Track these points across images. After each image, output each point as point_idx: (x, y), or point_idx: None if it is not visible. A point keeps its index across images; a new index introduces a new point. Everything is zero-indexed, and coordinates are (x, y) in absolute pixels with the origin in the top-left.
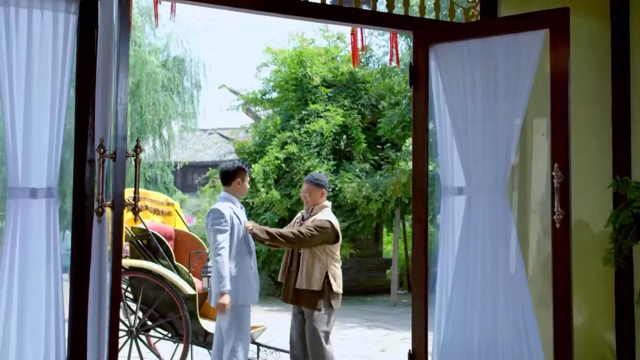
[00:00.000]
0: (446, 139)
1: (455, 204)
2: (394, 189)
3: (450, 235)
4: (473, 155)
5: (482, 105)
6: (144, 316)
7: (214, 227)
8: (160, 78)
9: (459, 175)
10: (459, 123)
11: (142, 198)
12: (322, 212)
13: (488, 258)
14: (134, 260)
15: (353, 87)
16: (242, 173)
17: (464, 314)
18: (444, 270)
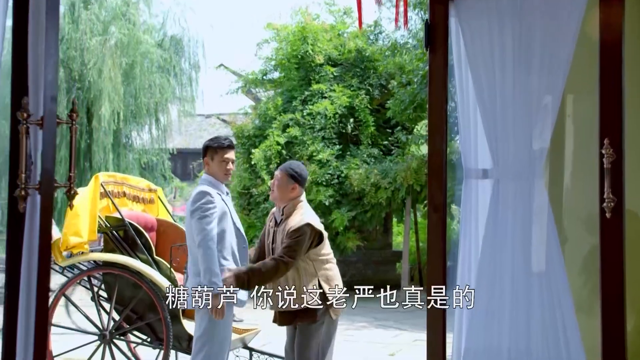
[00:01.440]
0: (468, 113)
1: (479, 189)
2: (405, 175)
3: (472, 226)
4: (502, 132)
5: (514, 72)
6: (120, 318)
7: (201, 212)
8: (155, 58)
9: (484, 155)
10: (485, 93)
11: (120, 183)
12: (296, 215)
13: (520, 253)
14: (108, 255)
15: (361, 65)
16: (209, 151)
17: (490, 317)
18: (465, 266)
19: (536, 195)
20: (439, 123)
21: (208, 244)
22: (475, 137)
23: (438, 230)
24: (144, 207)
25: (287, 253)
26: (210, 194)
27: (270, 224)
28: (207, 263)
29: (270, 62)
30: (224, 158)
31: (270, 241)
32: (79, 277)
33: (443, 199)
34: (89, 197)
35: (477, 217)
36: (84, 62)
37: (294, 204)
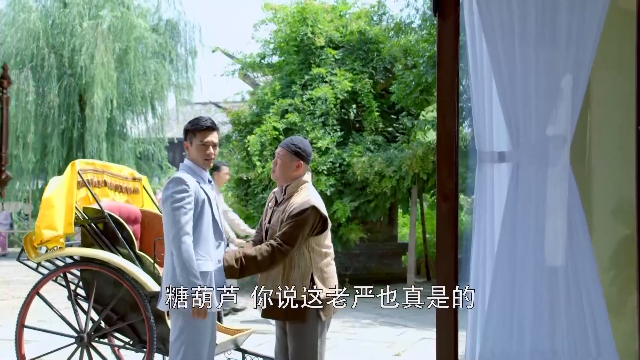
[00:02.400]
0: (482, 91)
1: (495, 174)
2: (411, 163)
3: (487, 215)
4: (523, 111)
5: (536, 44)
6: (99, 318)
7: (174, 202)
8: (150, 43)
9: (501, 136)
10: (503, 68)
11: (100, 171)
12: (299, 195)
13: (542, 244)
14: (86, 249)
15: (364, 48)
16: (188, 134)
17: (509, 316)
18: (479, 259)
19: (562, 181)
20: (449, 100)
21: (183, 238)
22: (490, 116)
23: (449, 221)
24: (127, 197)
25: (285, 240)
26: (186, 182)
27: (270, 204)
28: (182, 260)
29: (269, 45)
30: (204, 141)
31: (267, 221)
32: (54, 275)
33: (454, 186)
34: (65, 187)
35: (492, 205)
36: (75, 47)
37: (297, 184)
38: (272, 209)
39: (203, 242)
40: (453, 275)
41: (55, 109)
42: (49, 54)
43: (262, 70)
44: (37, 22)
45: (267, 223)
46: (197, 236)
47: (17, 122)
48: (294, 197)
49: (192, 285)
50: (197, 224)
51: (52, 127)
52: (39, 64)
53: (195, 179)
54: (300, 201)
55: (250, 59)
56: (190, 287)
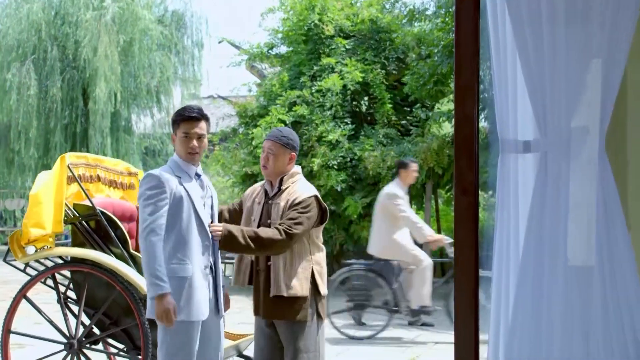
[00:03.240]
0: (506, 73)
1: (519, 165)
2: (425, 157)
3: (511, 209)
4: (552, 95)
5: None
6: (90, 323)
7: (144, 200)
8: (156, 35)
9: (526, 124)
10: (530, 49)
11: (93, 166)
12: (296, 185)
13: (574, 241)
14: (76, 249)
15: (375, 37)
16: (173, 125)
17: (537, 320)
18: (503, 259)
19: (595, 172)
20: (469, 83)
21: (148, 237)
22: (514, 102)
23: (468, 217)
24: (122, 193)
25: (291, 225)
26: (160, 178)
27: (256, 199)
28: (147, 259)
29: (277, 34)
30: (188, 133)
31: (258, 217)
32: (42, 276)
33: (474, 179)
34: (54, 182)
35: (516, 199)
36: (78, 39)
37: (292, 175)
38: (261, 205)
39: (181, 244)
40: (473, 276)
41: (58, 103)
42: (52, 46)
43: (270, 61)
44: (39, 13)
45: (260, 220)
46: (175, 237)
47: (19, 116)
48: (291, 188)
49: (154, 287)
50: (174, 223)
51: (55, 121)
52: (41, 56)
53: (177, 175)
54: (301, 190)
55: (258, 49)
56: (152, 289)
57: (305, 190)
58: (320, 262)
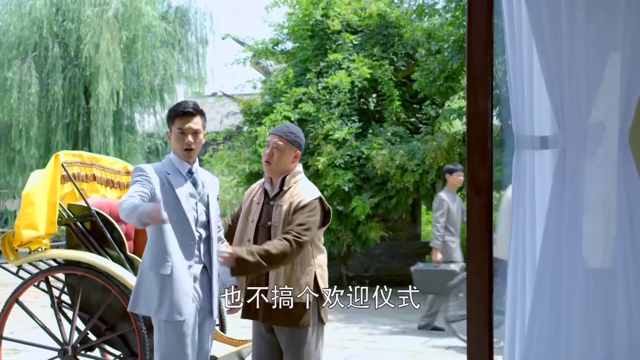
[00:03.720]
0: (521, 65)
1: (535, 163)
2: (435, 156)
3: (527, 209)
4: (571, 87)
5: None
6: (85, 328)
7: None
8: (159, 32)
9: (542, 119)
10: (547, 38)
11: (89, 164)
12: (299, 186)
13: (595, 242)
14: (70, 251)
15: (384, 32)
16: (168, 121)
17: (556, 324)
18: (518, 260)
19: (618, 169)
20: (481, 75)
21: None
22: (530, 96)
23: (482, 218)
24: (120, 192)
25: (300, 231)
26: (144, 170)
27: (255, 199)
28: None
29: (282, 30)
30: (182, 128)
31: (256, 218)
32: (35, 280)
33: (488, 177)
34: (47, 181)
35: (533, 198)
36: (80, 36)
37: (294, 174)
38: (260, 206)
39: (161, 240)
40: (487, 280)
41: (59, 101)
42: (53, 43)
43: (275, 58)
44: (42, 9)
45: (259, 222)
46: (155, 233)
47: (20, 115)
48: (293, 189)
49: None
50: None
51: (57, 120)
52: (42, 54)
53: (166, 171)
54: (305, 192)
55: (262, 45)
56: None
57: (309, 191)
58: (322, 265)
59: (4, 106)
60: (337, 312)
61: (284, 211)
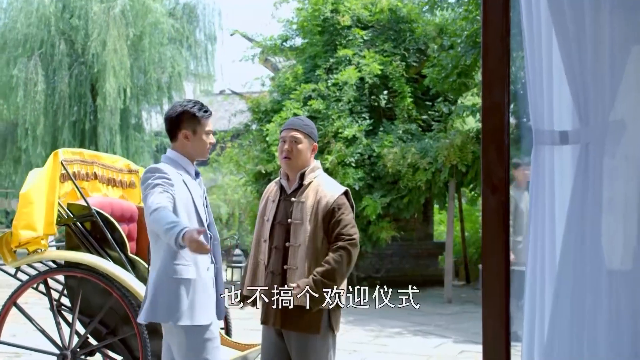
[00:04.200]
0: (540, 55)
1: (555, 159)
2: (448, 154)
3: (546, 208)
4: (594, 79)
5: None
6: (85, 332)
7: (149, 185)
8: (166, 29)
9: (562, 113)
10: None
11: (90, 163)
12: (321, 180)
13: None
14: (70, 253)
15: (395, 27)
16: (191, 120)
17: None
18: (537, 261)
19: None
20: (498, 66)
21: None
22: (549, 88)
23: (498, 218)
24: (122, 192)
25: (351, 231)
26: (163, 170)
27: (271, 197)
28: (158, 221)
29: (291, 25)
30: (209, 130)
31: (272, 217)
32: (34, 282)
33: (505, 174)
34: (46, 180)
35: (552, 197)
36: (87, 33)
37: (314, 169)
38: (275, 202)
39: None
40: (504, 284)
41: (66, 99)
42: (60, 40)
43: (284, 54)
44: (49, 6)
45: (275, 220)
46: None
47: (26, 113)
48: (316, 185)
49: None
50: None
51: (63, 118)
52: (48, 51)
53: (178, 171)
54: (331, 187)
55: (271, 41)
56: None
57: (335, 187)
58: None
59: (9, 104)
60: (346, 314)
61: (307, 208)
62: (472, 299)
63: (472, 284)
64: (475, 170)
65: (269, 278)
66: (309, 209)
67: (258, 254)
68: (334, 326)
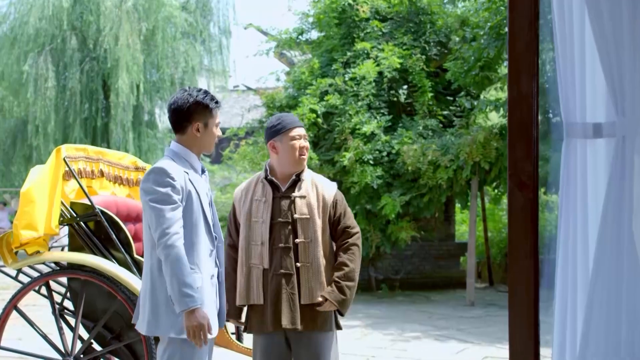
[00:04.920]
0: (572, 42)
1: (588, 153)
2: (470, 151)
3: (578, 204)
4: (630, 68)
5: None
6: (89, 337)
7: (157, 198)
8: (180, 23)
9: (596, 104)
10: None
11: (95, 160)
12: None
13: None
14: (72, 254)
15: (415, 19)
16: (203, 112)
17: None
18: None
19: None
20: (525, 54)
21: (172, 240)
22: (581, 78)
23: (525, 218)
24: (129, 190)
25: (356, 225)
26: (170, 173)
27: (256, 197)
28: (174, 267)
29: (307, 18)
30: (218, 122)
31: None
32: (36, 284)
33: (534, 170)
34: (48, 178)
35: (585, 193)
36: (99, 27)
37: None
38: (268, 201)
39: (190, 248)
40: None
41: (77, 95)
42: (71, 35)
43: (300, 48)
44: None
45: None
46: (184, 243)
47: (36, 110)
48: (310, 179)
49: (186, 299)
50: (184, 227)
51: (74, 115)
52: (59, 46)
53: (184, 168)
54: (325, 181)
55: (286, 34)
56: (183, 301)
57: (328, 181)
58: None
59: (20, 101)
60: (364, 317)
61: (313, 202)
62: (495, 301)
63: (496, 286)
64: (499, 168)
65: (277, 280)
66: (314, 203)
67: (249, 258)
68: (339, 322)
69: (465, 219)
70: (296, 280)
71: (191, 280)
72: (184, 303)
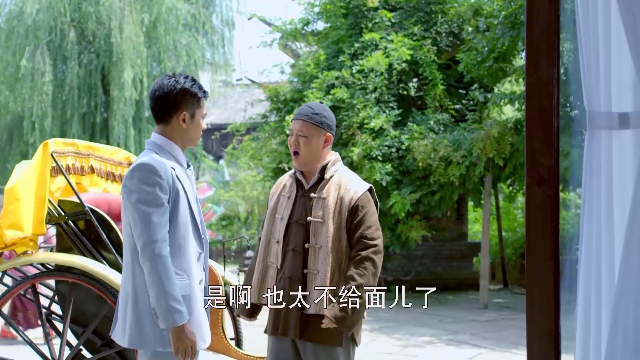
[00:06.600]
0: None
1: (613, 145)
2: (483, 146)
3: (602, 199)
4: None
5: None
6: (78, 343)
7: (143, 198)
8: (181, 14)
9: (622, 93)
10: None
11: (85, 155)
12: (342, 175)
13: None
14: (60, 255)
15: (425, 9)
16: (191, 102)
17: None
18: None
19: None
20: (545, 36)
21: (157, 249)
22: (606, 66)
23: (545, 216)
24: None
25: (374, 234)
26: (158, 170)
27: (284, 193)
28: (159, 279)
29: (313, 8)
30: (204, 113)
31: (287, 215)
32: (21, 287)
33: (554, 164)
34: (34, 174)
35: (609, 186)
36: (99, 19)
37: (334, 161)
38: (291, 199)
39: (178, 251)
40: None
41: (75, 90)
42: (69, 27)
43: (305, 39)
44: None
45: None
46: (171, 246)
47: (33, 105)
48: (337, 179)
49: (174, 315)
50: (170, 226)
51: (72, 111)
52: (57, 39)
53: (170, 163)
54: (354, 183)
55: (291, 25)
56: (170, 317)
57: (358, 183)
58: None
59: (15, 96)
60: (371, 321)
61: (330, 204)
62: (510, 304)
63: (510, 288)
64: (514, 164)
65: (284, 283)
66: (331, 206)
67: (268, 256)
68: (356, 337)
69: (478, 218)
70: (302, 288)
71: (178, 293)
72: (172, 319)
